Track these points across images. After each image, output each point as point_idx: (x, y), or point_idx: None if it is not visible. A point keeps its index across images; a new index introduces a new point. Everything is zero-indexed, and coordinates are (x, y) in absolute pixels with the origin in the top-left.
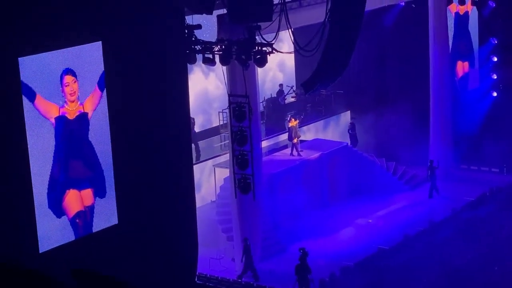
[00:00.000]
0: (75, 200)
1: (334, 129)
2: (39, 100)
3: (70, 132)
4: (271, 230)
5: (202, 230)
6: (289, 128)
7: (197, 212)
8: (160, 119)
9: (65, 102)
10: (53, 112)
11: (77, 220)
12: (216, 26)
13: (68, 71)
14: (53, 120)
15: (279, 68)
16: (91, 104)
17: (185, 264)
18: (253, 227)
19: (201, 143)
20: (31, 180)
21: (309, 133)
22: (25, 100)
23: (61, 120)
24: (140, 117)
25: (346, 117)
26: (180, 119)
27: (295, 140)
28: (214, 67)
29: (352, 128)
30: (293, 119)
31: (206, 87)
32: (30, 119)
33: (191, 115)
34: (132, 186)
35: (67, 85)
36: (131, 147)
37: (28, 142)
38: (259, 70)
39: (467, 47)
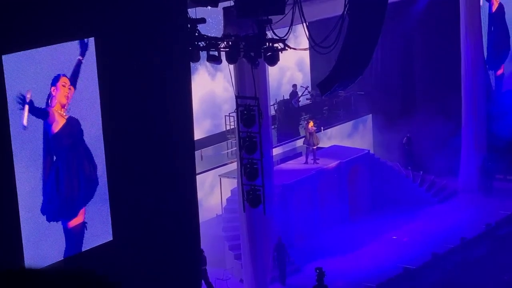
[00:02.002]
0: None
1: (362, 135)
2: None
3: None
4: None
5: (207, 247)
6: (310, 132)
7: (200, 228)
8: (160, 124)
9: (53, 106)
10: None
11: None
12: (222, 20)
13: (64, 75)
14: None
15: (298, 67)
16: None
17: (187, 285)
18: (263, 244)
19: (205, 151)
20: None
21: (328, 140)
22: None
23: (49, 129)
24: (137, 122)
25: (372, 121)
26: (182, 124)
27: (315, 147)
28: (221, 67)
29: (408, 142)
30: (311, 122)
31: (212, 89)
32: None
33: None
34: (128, 198)
35: (64, 85)
36: (127, 155)
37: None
38: (274, 70)
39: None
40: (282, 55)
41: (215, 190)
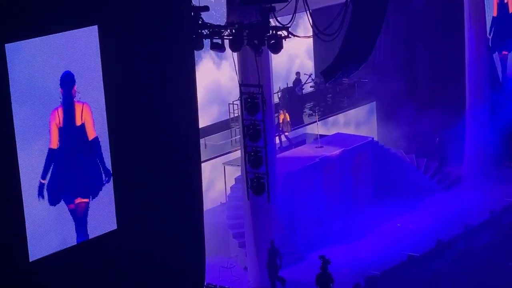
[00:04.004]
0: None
1: (366, 122)
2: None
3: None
4: (288, 236)
5: (211, 235)
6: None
7: (205, 216)
8: (164, 112)
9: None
10: None
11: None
12: (225, 13)
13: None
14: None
15: (308, 55)
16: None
17: (191, 273)
18: (268, 232)
19: (208, 139)
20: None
21: (332, 127)
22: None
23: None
24: (141, 111)
25: (376, 109)
26: (187, 112)
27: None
28: (226, 56)
29: (439, 143)
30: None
31: (218, 78)
32: None
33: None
34: (133, 186)
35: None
36: (131, 145)
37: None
38: (283, 58)
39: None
40: (291, 43)
41: (219, 178)
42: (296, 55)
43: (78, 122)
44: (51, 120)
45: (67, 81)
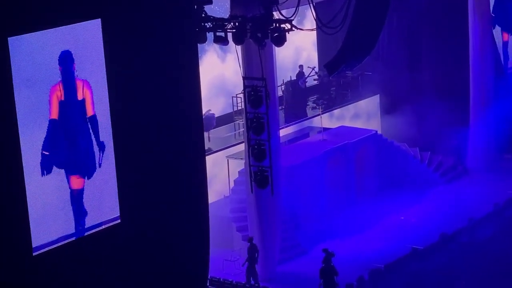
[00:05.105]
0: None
1: (370, 115)
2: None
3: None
4: (292, 229)
5: (214, 229)
6: None
7: (209, 209)
8: (168, 104)
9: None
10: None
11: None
12: (229, 8)
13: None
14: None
15: (315, 47)
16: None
17: (195, 266)
18: (271, 225)
19: (212, 132)
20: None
21: (335, 120)
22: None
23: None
24: (145, 103)
25: (380, 102)
26: (191, 105)
27: None
28: (231, 50)
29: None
30: None
31: (222, 71)
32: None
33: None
34: (136, 180)
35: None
36: (134, 139)
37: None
38: (290, 51)
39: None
40: (298, 36)
41: (222, 171)
42: (302, 48)
43: (80, 97)
44: (52, 92)
45: (66, 58)
